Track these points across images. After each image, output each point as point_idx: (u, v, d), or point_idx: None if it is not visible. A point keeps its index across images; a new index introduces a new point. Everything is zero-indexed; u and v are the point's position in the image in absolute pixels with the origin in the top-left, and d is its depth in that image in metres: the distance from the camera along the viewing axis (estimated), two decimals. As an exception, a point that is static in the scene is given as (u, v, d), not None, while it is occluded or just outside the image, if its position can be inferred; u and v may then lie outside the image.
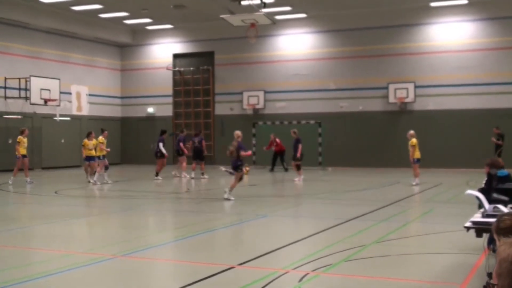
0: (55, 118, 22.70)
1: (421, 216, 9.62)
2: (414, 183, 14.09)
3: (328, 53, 23.58)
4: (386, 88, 22.37)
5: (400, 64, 22.48)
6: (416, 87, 22.00)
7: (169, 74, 26.27)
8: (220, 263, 5.99)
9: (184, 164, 18.25)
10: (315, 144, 22.39)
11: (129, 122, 26.91)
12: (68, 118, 23.86)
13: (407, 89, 22.03)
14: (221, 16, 19.12)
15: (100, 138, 15.67)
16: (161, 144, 17.87)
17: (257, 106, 24.32)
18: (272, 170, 21.03)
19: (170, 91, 26.34)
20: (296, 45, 24.07)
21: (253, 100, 24.32)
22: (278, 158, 20.95)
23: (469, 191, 5.66)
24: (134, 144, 26.43)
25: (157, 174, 17.51)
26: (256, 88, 24.43)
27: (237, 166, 11.92)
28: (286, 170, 20.91)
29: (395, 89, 22.14)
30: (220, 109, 25.31)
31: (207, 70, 25.49)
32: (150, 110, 26.52)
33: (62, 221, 9.44)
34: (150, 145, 26.43)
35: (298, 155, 16.87)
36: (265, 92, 24.28)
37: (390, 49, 22.63)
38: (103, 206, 11.57)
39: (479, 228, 4.72)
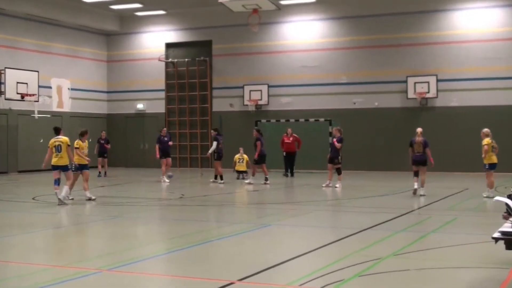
0: (33, 115, 22.76)
1: (443, 225, 9.63)
2: (485, 195, 13.35)
3: (340, 43, 23.59)
4: (405, 82, 22.37)
5: (421, 55, 22.48)
6: (438, 80, 21.99)
7: (161, 66, 26.31)
8: (218, 278, 6.00)
9: (163, 167, 18.29)
10: (324, 144, 22.33)
11: (116, 119, 26.97)
12: (48, 115, 23.93)
13: (428, 83, 22.03)
14: (220, 1, 19.14)
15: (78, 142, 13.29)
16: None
17: (260, 102, 24.35)
18: (286, 174, 20.93)
19: (162, 85, 26.39)
20: (304, 34, 24.09)
21: (255, 95, 24.34)
22: (288, 160, 20.93)
23: (499, 198, 5.66)
24: (121, 144, 26.48)
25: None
26: (258, 82, 24.46)
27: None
28: (291, 174, 20.90)
29: (415, 83, 22.15)
30: (219, 105, 25.34)
31: (204, 61, 25.53)
32: (140, 106, 26.57)
33: (42, 230, 9.46)
34: (140, 145, 26.49)
35: (256, 156, 17.36)
36: (269, 86, 24.31)
37: (409, 38, 22.63)
38: (88, 213, 11.60)
39: (510, 240, 4.71)
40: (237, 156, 19.17)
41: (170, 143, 18.55)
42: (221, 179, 17.65)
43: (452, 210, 11.62)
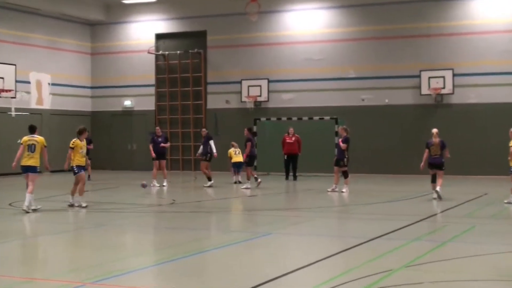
0: (9, 112, 22.74)
1: (460, 234, 9.65)
2: (506, 201, 13.35)
3: (347, 33, 23.62)
4: (418, 76, 22.40)
5: (436, 47, 22.51)
6: (454, 75, 22.03)
7: (151, 59, 26.33)
8: (214, 292, 6.03)
9: (154, 170, 18.33)
10: (330, 145, 22.39)
11: (101, 117, 26.98)
12: (26, 113, 23.93)
13: (443, 77, 22.06)
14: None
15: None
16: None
17: (259, 99, 24.37)
18: (288, 178, 20.94)
19: (152, 79, 26.40)
20: (308, 23, 24.12)
21: (254, 91, 24.37)
22: (290, 163, 20.93)
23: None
24: (107, 145, 26.49)
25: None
26: (258, 76, 24.48)
27: None
28: (294, 178, 20.93)
29: (429, 78, 22.18)
30: (214, 102, 25.36)
31: (198, 54, 25.55)
32: (127, 103, 26.58)
33: (20, 240, 9.46)
34: (127, 146, 26.49)
35: (244, 156, 17.48)
36: (269, 81, 24.33)
37: (423, 29, 22.66)
38: (71, 221, 11.61)
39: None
40: (231, 149, 19.06)
41: (163, 145, 18.40)
42: (210, 180, 17.82)
43: (470, 218, 11.63)
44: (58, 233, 10.17)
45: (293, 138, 20.80)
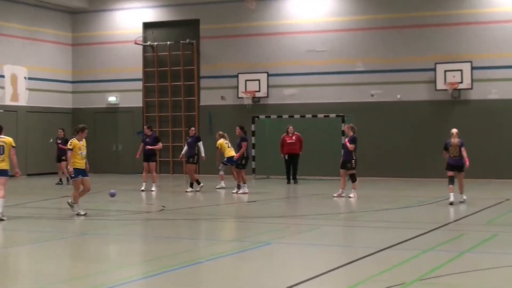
0: (-18, 110, 22.70)
1: (480, 244, 9.64)
2: None
3: (354, 22, 23.62)
4: (433, 69, 22.40)
5: (452, 37, 22.52)
6: (473, 68, 22.03)
7: (138, 50, 26.31)
8: (207, 308, 6.01)
9: (144, 174, 18.33)
10: (336, 145, 22.34)
11: (83, 115, 26.88)
12: (0, 110, 23.90)
13: (461, 71, 22.06)
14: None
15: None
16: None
17: (258, 94, 24.36)
18: (289, 181, 20.93)
19: (139, 73, 26.38)
20: (311, 12, 24.11)
21: (252, 85, 24.36)
22: (291, 164, 20.92)
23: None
24: (89, 145, 26.14)
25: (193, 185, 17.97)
26: (256, 70, 24.47)
27: None
28: (295, 181, 20.92)
29: (445, 71, 22.18)
30: (208, 98, 25.34)
31: (190, 45, 25.54)
32: (112, 99, 26.56)
33: (-7, 250, 9.43)
34: (112, 146, 26.48)
35: (237, 156, 17.31)
36: (269, 75, 24.32)
37: (438, 17, 22.66)
38: (50, 230, 11.58)
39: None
40: (222, 140, 18.61)
41: (148, 147, 18.33)
42: (198, 183, 17.82)
43: (490, 225, 11.63)
44: (35, 243, 10.14)
45: (294, 137, 20.79)
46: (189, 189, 17.81)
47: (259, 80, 24.32)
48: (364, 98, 23.31)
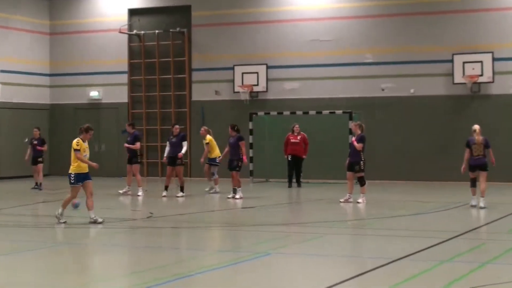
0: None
1: (502, 254, 9.65)
2: None
3: (363, 9, 23.63)
4: (450, 61, 22.42)
5: (471, 25, 22.52)
6: (494, 59, 22.04)
7: (123, 40, 26.30)
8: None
9: (128, 176, 18.38)
10: (343, 145, 22.32)
11: (62, 112, 26.90)
12: (-30, 106, 23.86)
13: (481, 62, 22.08)
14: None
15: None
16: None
17: (256, 89, 24.36)
18: (291, 185, 20.99)
19: (124, 65, 26.36)
20: (315, -3, 24.17)
21: (249, 79, 24.35)
22: (295, 166, 20.96)
23: None
24: (68, 145, 26.30)
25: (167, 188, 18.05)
26: (254, 61, 24.46)
27: None
28: (298, 184, 20.95)
29: (464, 63, 22.20)
30: (200, 93, 25.33)
31: (181, 34, 25.53)
32: (94, 94, 26.54)
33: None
34: (94, 146, 26.46)
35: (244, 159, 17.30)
36: (268, 67, 24.31)
37: (456, 3, 22.66)
38: (26, 238, 11.56)
39: None
40: (209, 137, 18.67)
41: (126, 145, 18.36)
42: (182, 190, 17.86)
43: (513, 234, 11.67)
44: (13, 253, 10.13)
45: (299, 137, 20.80)
46: (180, 193, 17.82)
47: (257, 73, 24.30)
48: (373, 92, 23.31)
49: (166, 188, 17.93)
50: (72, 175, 12.76)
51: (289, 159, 20.84)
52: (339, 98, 23.45)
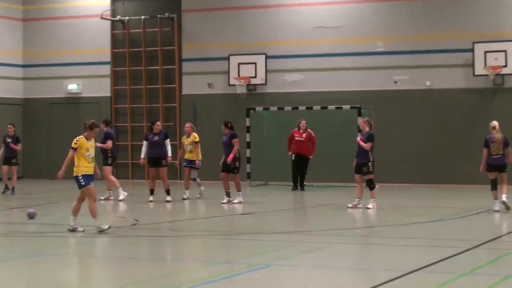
0: None
1: (530, 266, 9.65)
2: None
3: (373, -8, 23.67)
4: (471, 50, 22.43)
5: (494, 10, 22.53)
6: (520, 48, 22.09)
7: (106, 27, 26.27)
8: None
9: (112, 177, 18.41)
10: (352, 144, 22.28)
11: (36, 107, 26.87)
12: None
13: (505, 52, 22.09)
14: None
15: None
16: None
17: (254, 81, 24.34)
18: (296, 187, 21.09)
19: (107, 55, 26.34)
20: (319, -22, 24.15)
21: (246, 70, 24.33)
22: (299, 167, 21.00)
23: None
24: (44, 144, 26.40)
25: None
26: (251, 51, 24.45)
27: None
28: (301, 187, 20.94)
29: (485, 53, 22.21)
30: (192, 86, 25.32)
31: (170, 20, 25.51)
32: (73, 87, 26.50)
33: None
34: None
35: (230, 158, 17.03)
36: (267, 57, 24.30)
37: (477, -15, 22.73)
38: (-6, 249, 11.55)
39: None
40: (184, 137, 18.41)
41: (99, 145, 18.33)
42: (168, 194, 17.87)
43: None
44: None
45: (304, 135, 20.82)
46: (168, 197, 17.79)
47: (255, 63, 24.29)
48: (385, 85, 23.31)
49: (151, 192, 17.89)
50: (80, 177, 12.65)
51: (293, 158, 20.85)
52: (346, 91, 23.43)
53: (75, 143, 12.74)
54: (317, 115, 23.07)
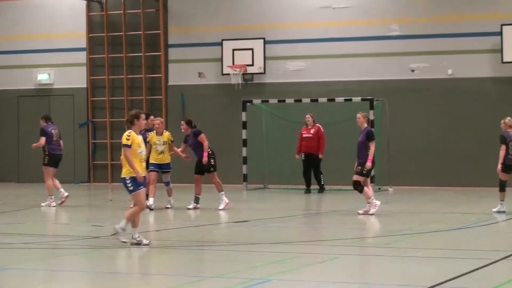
0: None
1: None
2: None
3: (387, -33, 23.69)
4: (499, 33, 22.46)
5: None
6: (555, 31, 22.14)
7: (81, 7, 26.25)
8: None
9: (48, 180, 18.47)
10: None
11: (1, 100, 26.82)
12: None
13: (537, 36, 22.16)
14: None
15: None
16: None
17: (251, 70, 24.38)
18: (309, 190, 21.35)
19: (82, 40, 26.33)
20: (325, -48, 24.17)
21: (242, 57, 24.33)
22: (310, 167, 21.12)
23: None
24: (10, 143, 26.38)
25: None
26: (248, 35, 24.48)
27: None
28: (321, 188, 21.11)
29: (516, 36, 22.27)
30: (180, 75, 25.34)
31: (154, 0, 25.57)
32: (43, 77, 26.49)
33: None
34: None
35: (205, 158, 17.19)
36: (266, 41, 24.32)
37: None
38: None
39: None
40: (153, 135, 18.03)
41: (34, 144, 18.44)
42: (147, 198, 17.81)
43: None
44: None
45: (312, 131, 20.89)
46: (150, 201, 17.78)
47: (252, 49, 24.33)
48: (401, 74, 23.35)
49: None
50: (128, 180, 12.26)
51: (302, 158, 20.99)
52: (356, 81, 23.49)
53: (127, 139, 12.20)
54: (323, 108, 23.08)
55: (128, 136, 12.21)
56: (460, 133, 22.76)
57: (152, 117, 18.28)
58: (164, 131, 18.03)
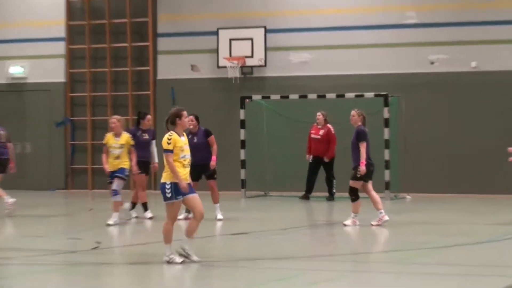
0: None
1: None
2: None
3: None
4: (530, 21, 22.50)
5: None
6: None
7: (59, -8, 26.31)
8: None
9: None
10: (376, 141, 22.27)
11: (-29, 96, 26.91)
12: None
13: None
14: None
15: None
16: None
17: (250, 62, 24.44)
18: (307, 195, 21.51)
19: (61, 29, 26.38)
20: None
21: (239, 48, 24.39)
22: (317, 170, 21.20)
23: None
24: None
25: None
26: (247, 23, 24.54)
27: None
28: (331, 196, 21.29)
29: (547, 25, 22.29)
30: (170, 68, 25.41)
31: (141, -17, 25.56)
32: (17, 70, 26.54)
33: None
34: (17, 146, 26.39)
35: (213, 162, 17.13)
36: (267, 30, 24.34)
37: None
38: None
39: None
40: (110, 136, 17.51)
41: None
42: (133, 208, 17.91)
43: None
44: None
45: (322, 131, 20.93)
46: (131, 209, 17.69)
47: (251, 39, 24.41)
48: (419, 67, 23.38)
49: (134, 206, 17.83)
50: (168, 185, 11.88)
51: (310, 161, 21.05)
52: (369, 75, 23.54)
53: (168, 143, 11.88)
54: (331, 105, 23.04)
55: (169, 139, 11.90)
56: (485, 133, 22.76)
57: (149, 116, 18.28)
58: (123, 132, 17.19)
